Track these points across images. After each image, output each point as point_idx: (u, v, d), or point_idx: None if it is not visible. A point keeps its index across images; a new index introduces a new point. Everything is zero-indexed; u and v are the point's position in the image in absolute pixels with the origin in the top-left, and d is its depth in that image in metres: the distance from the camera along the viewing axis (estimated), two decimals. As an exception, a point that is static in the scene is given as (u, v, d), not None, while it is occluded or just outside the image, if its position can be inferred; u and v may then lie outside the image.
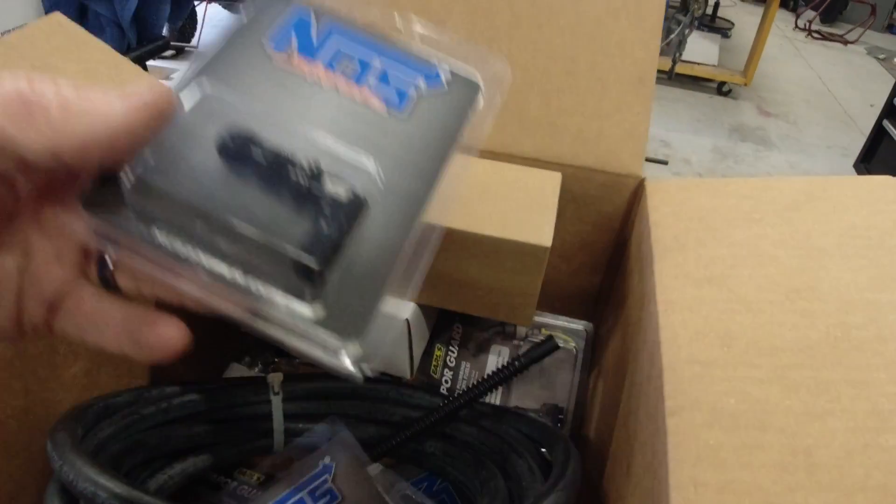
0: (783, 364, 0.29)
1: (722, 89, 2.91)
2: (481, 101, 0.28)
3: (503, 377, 0.43)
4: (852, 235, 0.36)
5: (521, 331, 0.51)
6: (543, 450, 0.40)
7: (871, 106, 2.82)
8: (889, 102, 2.07)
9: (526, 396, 0.50)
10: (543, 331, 0.52)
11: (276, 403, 0.43)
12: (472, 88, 0.28)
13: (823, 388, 0.28)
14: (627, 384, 0.35)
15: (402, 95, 0.27)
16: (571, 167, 0.43)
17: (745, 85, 2.84)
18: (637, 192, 0.43)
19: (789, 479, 0.24)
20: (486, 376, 0.43)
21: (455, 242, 0.38)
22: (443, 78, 0.28)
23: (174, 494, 0.41)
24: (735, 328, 0.30)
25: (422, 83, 0.27)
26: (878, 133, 2.15)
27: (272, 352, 0.59)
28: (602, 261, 0.49)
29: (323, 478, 0.41)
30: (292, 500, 0.40)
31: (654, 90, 0.45)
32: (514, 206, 0.39)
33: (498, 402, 0.51)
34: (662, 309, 0.32)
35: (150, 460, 0.39)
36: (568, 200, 0.42)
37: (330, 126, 0.26)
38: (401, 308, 0.44)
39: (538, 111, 0.44)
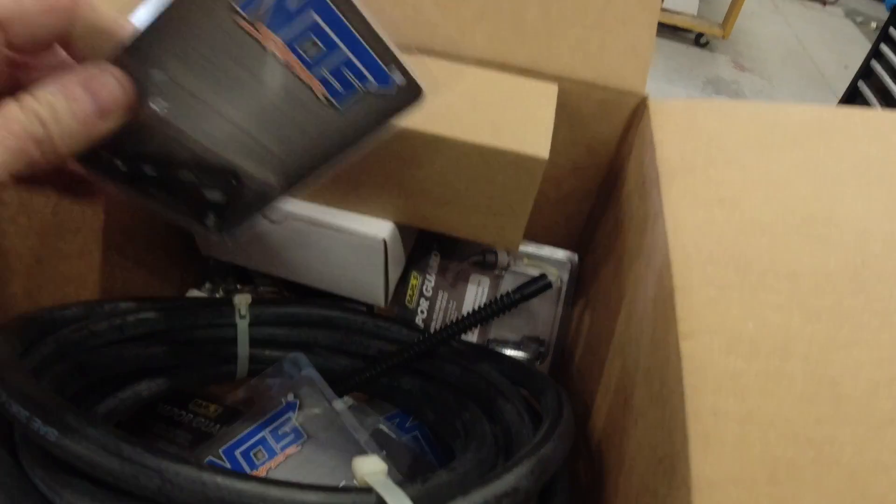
0: (803, 290, 0.26)
1: (700, 41, 2.87)
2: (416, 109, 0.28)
3: (491, 312, 0.40)
4: (866, 166, 0.34)
5: (503, 261, 0.48)
6: (524, 392, 0.38)
7: (846, 68, 2.81)
8: (865, 64, 2.06)
9: (505, 327, 0.48)
10: (526, 260, 0.49)
11: (242, 327, 0.39)
12: (415, 96, 0.27)
13: (846, 317, 0.25)
14: (625, 312, 0.33)
15: (348, 89, 0.27)
16: (569, 81, 0.40)
17: (724, 38, 2.79)
18: (637, 113, 0.40)
19: (815, 411, 0.22)
20: (471, 310, 0.40)
21: (441, 153, 0.35)
22: (394, 81, 0.27)
23: (124, 421, 0.38)
24: (750, 252, 0.28)
25: (372, 82, 0.27)
26: (851, 94, 2.15)
27: (234, 277, 0.55)
28: (593, 187, 0.46)
29: (286, 416, 0.38)
30: (255, 439, 0.37)
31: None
32: (507, 116, 0.35)
33: (476, 332, 0.48)
34: (671, 229, 0.29)
35: (99, 383, 0.35)
36: (562, 120, 0.39)
37: (262, 100, 0.26)
38: (378, 228, 0.40)
39: (535, 17, 0.40)
